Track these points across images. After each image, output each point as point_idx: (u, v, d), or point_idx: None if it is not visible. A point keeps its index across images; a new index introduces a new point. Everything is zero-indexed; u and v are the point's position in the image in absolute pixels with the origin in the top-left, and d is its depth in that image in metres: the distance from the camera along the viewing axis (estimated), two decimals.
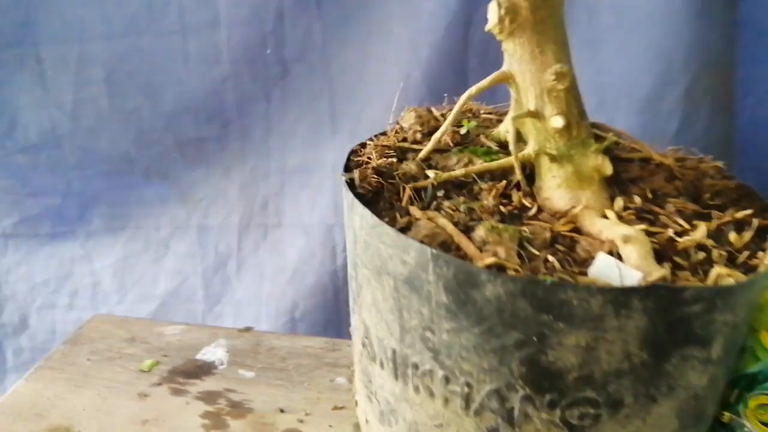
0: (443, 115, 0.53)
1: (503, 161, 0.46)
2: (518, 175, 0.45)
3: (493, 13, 0.44)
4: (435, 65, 0.84)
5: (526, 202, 0.44)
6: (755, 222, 0.43)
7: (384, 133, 0.53)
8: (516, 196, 0.45)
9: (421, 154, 0.48)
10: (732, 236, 0.42)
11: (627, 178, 0.47)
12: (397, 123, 0.54)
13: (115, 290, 1.01)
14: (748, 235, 0.42)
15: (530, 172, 0.46)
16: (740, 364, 0.48)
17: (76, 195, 0.98)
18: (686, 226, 0.42)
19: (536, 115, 0.45)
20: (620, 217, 0.43)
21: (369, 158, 0.47)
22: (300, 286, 0.96)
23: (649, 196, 0.46)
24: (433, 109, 0.55)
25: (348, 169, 0.47)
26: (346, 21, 0.87)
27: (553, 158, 0.45)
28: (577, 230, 0.42)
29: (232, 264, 0.99)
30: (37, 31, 0.89)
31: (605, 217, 0.42)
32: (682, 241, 0.40)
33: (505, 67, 0.46)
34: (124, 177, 0.97)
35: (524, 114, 0.45)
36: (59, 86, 0.92)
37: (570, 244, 0.40)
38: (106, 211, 0.99)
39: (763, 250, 0.41)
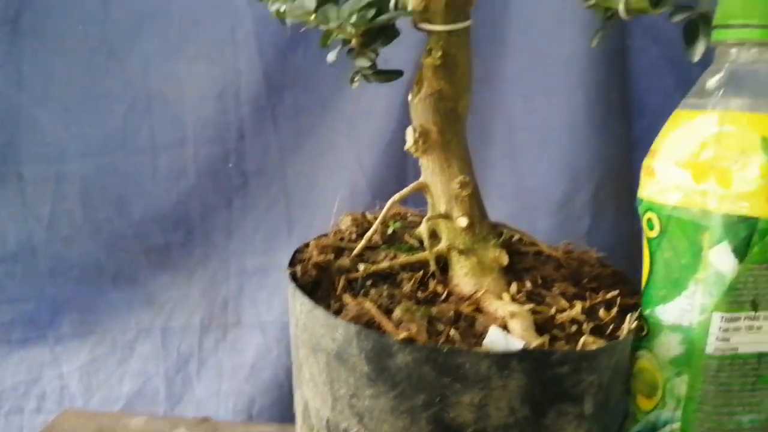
0: (375, 218, 0.63)
1: (421, 255, 0.56)
2: (432, 267, 0.55)
3: (409, 136, 0.55)
4: (378, 175, 0.94)
5: (439, 289, 0.53)
6: (618, 300, 0.53)
7: (325, 235, 0.62)
8: (432, 283, 0.54)
9: (355, 251, 0.57)
10: (602, 312, 0.51)
11: (522, 267, 0.57)
12: (337, 226, 0.64)
13: (82, 393, 1.03)
14: (614, 311, 0.51)
15: (444, 263, 0.56)
16: (624, 427, 0.56)
17: (47, 301, 1.02)
18: (566, 305, 0.52)
19: (446, 216, 0.55)
20: (514, 299, 0.52)
21: (311, 255, 0.56)
22: (257, 382, 1.00)
23: (539, 281, 0.55)
24: (367, 214, 0.65)
25: (293, 263, 0.56)
26: (299, 138, 0.97)
27: (461, 252, 0.54)
28: (479, 310, 0.51)
29: (193, 364, 1.03)
30: (19, 151, 0.97)
31: (501, 298, 0.52)
32: (561, 317, 0.50)
33: (422, 179, 0.57)
34: (94, 283, 1.02)
35: (436, 216, 0.55)
36: (37, 201, 0.99)
37: (471, 321, 0.49)
38: (76, 316, 1.03)
39: None
